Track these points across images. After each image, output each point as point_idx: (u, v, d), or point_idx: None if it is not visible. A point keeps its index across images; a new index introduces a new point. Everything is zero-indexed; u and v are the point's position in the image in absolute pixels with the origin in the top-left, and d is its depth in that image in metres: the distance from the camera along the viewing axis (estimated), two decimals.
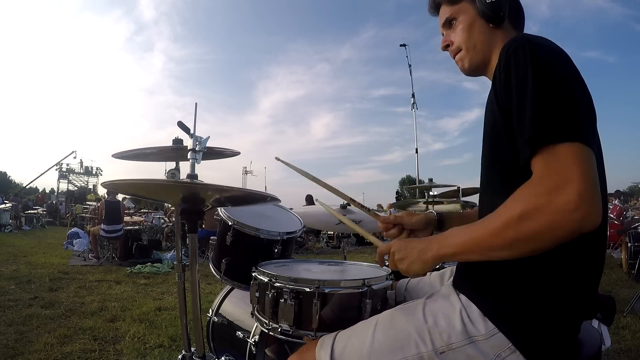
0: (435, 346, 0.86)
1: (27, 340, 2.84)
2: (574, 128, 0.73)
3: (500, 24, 1.00)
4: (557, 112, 0.74)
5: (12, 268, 5.81)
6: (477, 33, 1.02)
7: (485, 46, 1.02)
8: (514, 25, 1.03)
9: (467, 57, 1.04)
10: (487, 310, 0.85)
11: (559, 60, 0.82)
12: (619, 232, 6.59)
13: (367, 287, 1.14)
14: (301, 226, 1.77)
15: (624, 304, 3.59)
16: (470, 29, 1.03)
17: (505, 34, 1.00)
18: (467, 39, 1.03)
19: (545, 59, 0.80)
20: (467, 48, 1.04)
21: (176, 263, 1.47)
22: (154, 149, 1.53)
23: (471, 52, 1.04)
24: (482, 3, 0.99)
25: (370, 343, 0.93)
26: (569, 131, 0.72)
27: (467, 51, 1.04)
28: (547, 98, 0.75)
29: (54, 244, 9.54)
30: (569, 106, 0.75)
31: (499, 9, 0.98)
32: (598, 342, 1.01)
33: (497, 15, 0.98)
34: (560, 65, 0.81)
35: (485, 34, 1.01)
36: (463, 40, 1.04)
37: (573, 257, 0.83)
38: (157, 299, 4.23)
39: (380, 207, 18.25)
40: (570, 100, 0.76)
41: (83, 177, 39.85)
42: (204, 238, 6.49)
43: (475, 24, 1.02)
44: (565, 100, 0.75)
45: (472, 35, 1.03)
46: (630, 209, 7.74)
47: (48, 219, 18.84)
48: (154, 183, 1.26)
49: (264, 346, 1.49)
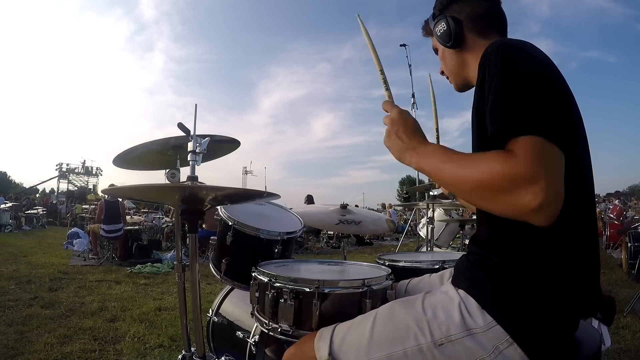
0: (434, 338, 0.86)
1: (27, 340, 2.84)
2: (537, 122, 0.74)
3: (460, 46, 1.06)
4: (520, 107, 0.75)
5: (12, 268, 5.81)
6: (448, 60, 1.12)
7: (459, 69, 1.10)
8: (482, 34, 1.05)
9: (453, 82, 1.15)
10: (485, 303, 0.86)
11: (528, 60, 0.84)
12: (619, 232, 6.59)
13: (367, 287, 1.14)
14: (301, 226, 1.77)
15: (624, 304, 3.60)
16: (444, 58, 1.14)
17: (474, 49, 1.04)
18: (445, 67, 1.15)
19: (513, 58, 0.82)
20: (449, 74, 1.15)
21: (176, 263, 1.47)
22: (156, 142, 1.50)
23: (452, 77, 1.14)
24: (436, 36, 1.09)
25: (369, 334, 0.94)
26: (532, 125, 0.73)
27: (450, 77, 1.15)
28: (511, 94, 0.77)
29: (54, 244, 9.54)
30: (533, 101, 0.76)
31: (448, 38, 1.06)
32: (598, 342, 1.01)
33: (448, 43, 1.06)
34: (529, 64, 0.83)
35: (454, 59, 1.10)
36: (444, 68, 1.15)
37: (568, 252, 0.84)
38: (157, 299, 4.23)
39: (382, 206, 18.28)
40: (536, 95, 0.77)
41: (83, 177, 39.87)
42: (204, 238, 6.48)
43: (445, 53, 1.12)
44: (530, 96, 0.77)
45: (446, 63, 1.13)
46: (630, 209, 7.73)
47: (48, 219, 18.84)
48: (152, 186, 1.27)
49: (264, 346, 1.49)
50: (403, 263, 1.71)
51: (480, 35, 1.05)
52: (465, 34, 1.05)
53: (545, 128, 0.73)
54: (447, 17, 1.05)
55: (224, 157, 1.73)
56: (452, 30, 1.04)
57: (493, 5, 1.07)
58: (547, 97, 0.78)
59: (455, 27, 1.04)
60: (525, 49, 0.86)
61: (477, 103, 0.89)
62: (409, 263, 1.70)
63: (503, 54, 0.82)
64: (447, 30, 1.05)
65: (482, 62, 0.86)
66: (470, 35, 1.05)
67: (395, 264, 1.70)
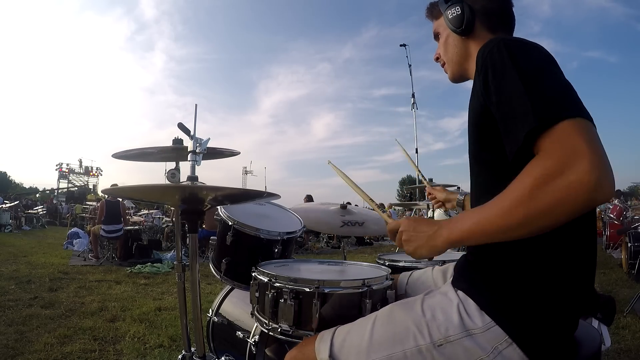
0: (433, 339, 0.87)
1: (27, 340, 2.84)
2: (571, 105, 0.73)
3: (468, 34, 1.05)
4: (549, 94, 0.74)
5: (12, 268, 5.82)
6: (451, 46, 1.10)
7: (460, 57, 1.09)
8: (491, 29, 1.05)
9: (449, 69, 1.13)
10: (483, 304, 0.86)
11: (535, 49, 0.83)
12: (619, 232, 6.59)
13: (367, 287, 1.14)
14: (301, 226, 1.77)
15: (624, 304, 3.60)
16: (446, 43, 1.12)
17: (479, 41, 1.02)
18: (444, 52, 1.13)
19: (521, 50, 0.81)
20: (447, 61, 1.13)
21: (176, 263, 1.47)
22: (154, 148, 1.54)
23: (450, 65, 1.12)
24: (446, 19, 1.07)
25: (369, 337, 0.94)
26: (567, 108, 0.72)
27: (448, 64, 1.13)
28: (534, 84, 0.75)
29: (54, 244, 9.54)
30: (558, 86, 0.76)
31: (460, 23, 1.04)
32: (598, 342, 1.01)
33: (459, 28, 1.05)
34: (538, 53, 0.82)
35: (459, 46, 1.09)
36: (443, 54, 1.14)
37: (566, 252, 0.84)
38: (157, 299, 4.23)
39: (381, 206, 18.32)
40: (559, 81, 0.77)
41: (83, 177, 39.86)
42: (204, 238, 6.48)
43: (449, 38, 1.10)
44: (553, 82, 0.76)
45: (447, 49, 1.12)
46: (630, 209, 7.72)
47: (48, 219, 18.84)
48: (153, 186, 1.27)
49: (264, 346, 1.49)
50: (403, 263, 1.72)
51: (489, 30, 1.04)
52: (477, 25, 1.04)
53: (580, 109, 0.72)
54: (464, 3, 1.04)
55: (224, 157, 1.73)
56: (466, 16, 1.02)
57: (507, 5, 1.07)
58: (566, 83, 0.78)
59: (470, 14, 1.03)
60: (525, 42, 0.85)
61: (480, 104, 0.87)
62: (409, 263, 1.70)
63: (508, 50, 0.81)
64: (461, 15, 1.03)
65: (483, 60, 0.85)
66: (480, 27, 1.04)
67: (395, 264, 1.71)
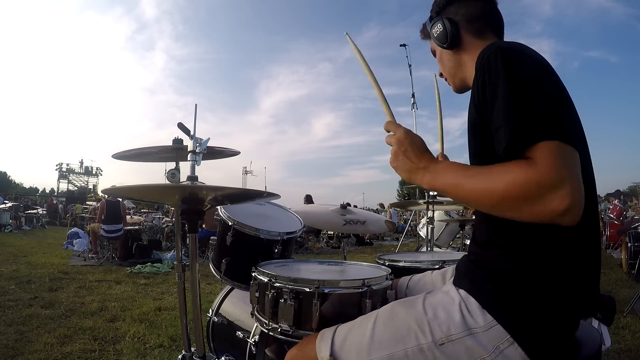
0: (435, 337, 0.87)
1: (27, 340, 2.84)
2: (555, 126, 0.74)
3: (456, 47, 1.07)
4: (534, 113, 0.75)
5: (12, 268, 5.81)
6: (446, 61, 1.13)
7: (456, 70, 1.11)
8: (478, 35, 1.06)
9: (451, 83, 1.16)
10: (485, 303, 0.86)
11: (529, 62, 0.84)
12: (619, 232, 6.59)
13: (367, 287, 1.14)
14: (301, 226, 1.77)
15: (624, 304, 3.60)
16: (441, 60, 1.15)
17: (471, 50, 1.05)
18: (442, 69, 1.16)
19: (515, 62, 0.82)
20: (447, 76, 1.15)
21: (176, 263, 1.47)
22: (154, 148, 1.54)
23: (450, 79, 1.14)
24: (433, 37, 1.10)
25: (370, 335, 0.94)
26: (551, 129, 0.73)
27: (448, 78, 1.15)
28: (522, 101, 0.76)
29: (54, 244, 9.54)
30: (545, 106, 0.76)
31: (445, 39, 1.06)
32: (598, 342, 1.01)
33: (445, 44, 1.07)
34: (532, 67, 0.83)
35: (452, 60, 1.11)
36: (442, 70, 1.16)
37: (569, 252, 0.84)
38: (157, 299, 4.23)
39: (381, 206, 18.27)
40: (547, 99, 0.77)
41: (83, 177, 39.86)
42: (204, 238, 6.48)
43: (442, 54, 1.13)
44: (542, 100, 0.77)
45: (444, 64, 1.14)
46: (630, 209, 7.73)
47: (48, 219, 18.83)
48: (153, 186, 1.27)
49: (264, 346, 1.49)
50: (403, 263, 1.72)
51: (476, 36, 1.06)
52: (462, 35, 1.06)
53: (560, 131, 0.73)
54: (443, 18, 1.06)
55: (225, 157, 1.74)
56: (449, 31, 1.05)
57: (489, 6, 1.07)
58: (556, 99, 0.79)
59: (452, 28, 1.05)
60: (522, 51, 0.86)
61: (477, 106, 0.88)
62: (409, 263, 1.70)
63: (503, 58, 0.82)
64: (444, 32, 1.06)
65: (481, 65, 0.86)
66: (467, 36, 1.06)
67: (395, 264, 1.70)
